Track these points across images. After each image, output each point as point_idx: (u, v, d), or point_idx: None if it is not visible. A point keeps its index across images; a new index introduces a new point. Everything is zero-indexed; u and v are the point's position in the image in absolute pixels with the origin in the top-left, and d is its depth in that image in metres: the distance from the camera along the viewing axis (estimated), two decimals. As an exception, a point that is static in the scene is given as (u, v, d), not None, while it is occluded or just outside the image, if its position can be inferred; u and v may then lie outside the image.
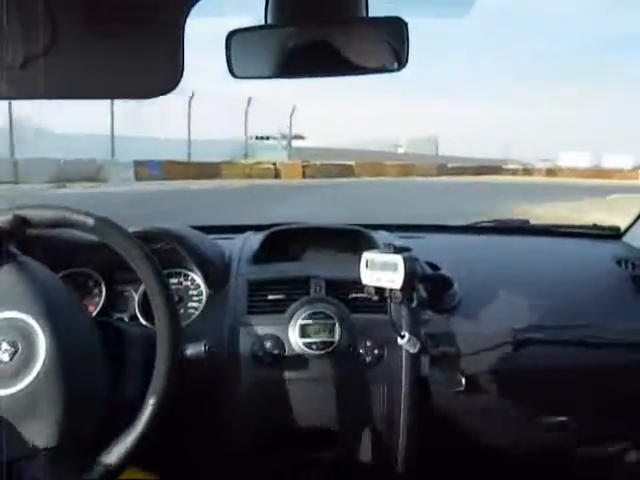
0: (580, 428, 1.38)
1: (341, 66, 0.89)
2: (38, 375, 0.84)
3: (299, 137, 32.11)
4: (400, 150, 35.36)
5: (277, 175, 21.96)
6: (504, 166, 37.21)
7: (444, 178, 25.49)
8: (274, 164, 22.74)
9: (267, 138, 30.61)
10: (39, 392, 0.83)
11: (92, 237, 0.94)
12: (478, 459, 1.40)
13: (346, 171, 24.17)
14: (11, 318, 0.86)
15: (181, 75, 0.79)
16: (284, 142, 28.13)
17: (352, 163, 25.05)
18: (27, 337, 0.85)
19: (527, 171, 36.97)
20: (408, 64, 0.86)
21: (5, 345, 0.84)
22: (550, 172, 36.73)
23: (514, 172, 35.69)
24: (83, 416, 0.89)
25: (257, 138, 29.78)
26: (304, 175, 22.50)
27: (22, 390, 0.83)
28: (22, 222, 0.91)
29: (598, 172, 36.23)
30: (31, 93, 0.82)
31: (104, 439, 0.91)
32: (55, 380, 0.84)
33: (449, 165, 31.82)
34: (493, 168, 34.90)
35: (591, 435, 1.41)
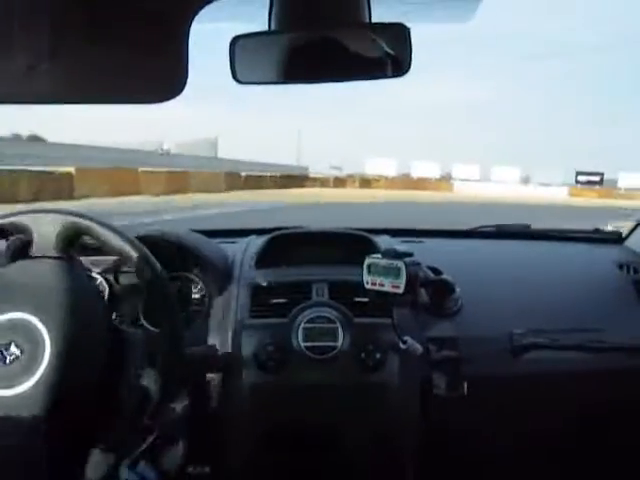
0: (581, 432, 1.38)
1: (344, 72, 0.90)
2: (40, 378, 0.84)
3: (35, 138, 22.61)
4: (170, 153, 28.06)
5: None
6: (311, 175, 32.94)
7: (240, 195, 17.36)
8: None
9: None
10: (40, 395, 0.84)
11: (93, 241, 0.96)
12: (479, 463, 1.39)
13: (53, 186, 13.15)
14: (22, 319, 0.86)
15: (186, 79, 0.80)
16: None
17: (69, 170, 14.37)
18: (33, 341, 0.85)
19: (340, 181, 33.07)
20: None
21: (12, 347, 0.85)
22: (364, 182, 33.75)
23: (323, 182, 30.88)
24: (85, 418, 0.89)
25: None
26: None
27: (24, 392, 0.83)
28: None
29: (409, 181, 34.72)
30: (36, 98, 0.82)
31: (107, 441, 0.91)
32: (56, 384, 0.85)
33: (244, 174, 23.32)
34: (299, 178, 28.89)
35: (592, 438, 1.41)
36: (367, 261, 1.19)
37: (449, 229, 1.94)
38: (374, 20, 0.89)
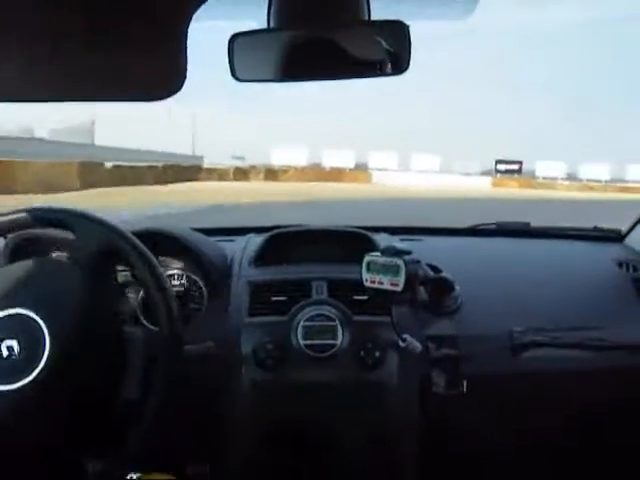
0: (581, 430, 1.38)
1: (343, 69, 0.90)
2: (40, 374, 0.84)
3: None
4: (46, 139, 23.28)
5: None
6: (207, 166, 27.87)
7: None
8: None
9: None
10: (39, 391, 0.84)
11: None
12: (479, 461, 1.40)
13: None
14: (22, 315, 0.87)
15: (184, 77, 0.80)
16: None
17: None
18: (33, 337, 0.85)
19: (242, 173, 28.33)
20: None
21: (12, 343, 0.85)
22: (270, 173, 29.47)
23: (222, 174, 26.41)
24: (84, 416, 0.89)
25: None
26: None
27: (23, 388, 0.84)
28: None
29: (321, 172, 31.04)
30: (35, 96, 0.82)
31: (106, 439, 0.92)
32: (56, 380, 0.85)
33: (109, 164, 17.55)
34: (191, 169, 24.18)
35: (592, 437, 1.41)
36: (366, 259, 1.19)
37: (448, 227, 1.94)
38: (373, 18, 0.89)
